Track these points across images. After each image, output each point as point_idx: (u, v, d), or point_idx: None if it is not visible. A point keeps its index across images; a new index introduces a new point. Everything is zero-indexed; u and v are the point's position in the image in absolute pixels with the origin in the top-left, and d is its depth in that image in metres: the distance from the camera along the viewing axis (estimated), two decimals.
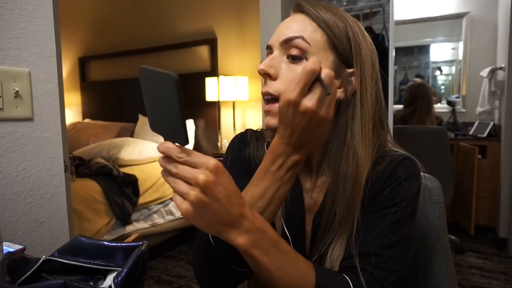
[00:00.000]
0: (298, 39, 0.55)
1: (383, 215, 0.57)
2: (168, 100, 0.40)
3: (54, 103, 0.89)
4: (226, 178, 0.43)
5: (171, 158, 0.42)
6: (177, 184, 0.42)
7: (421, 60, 3.70)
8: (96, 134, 3.48)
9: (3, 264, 0.45)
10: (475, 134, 2.99)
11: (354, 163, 0.56)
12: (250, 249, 0.46)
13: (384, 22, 2.54)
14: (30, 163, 0.84)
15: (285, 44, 0.56)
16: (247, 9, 3.07)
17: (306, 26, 0.56)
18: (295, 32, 0.56)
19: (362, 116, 0.56)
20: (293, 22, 0.58)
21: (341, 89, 0.57)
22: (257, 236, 0.46)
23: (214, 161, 0.41)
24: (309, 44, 0.55)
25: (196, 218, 0.43)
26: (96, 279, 0.53)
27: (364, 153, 0.56)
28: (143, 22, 3.66)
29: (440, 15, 3.48)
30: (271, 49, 0.59)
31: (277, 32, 0.59)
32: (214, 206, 0.42)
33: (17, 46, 0.81)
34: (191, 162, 0.41)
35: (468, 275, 2.29)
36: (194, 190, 0.41)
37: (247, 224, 0.45)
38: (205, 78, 3.06)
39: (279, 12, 2.19)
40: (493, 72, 2.98)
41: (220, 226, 0.44)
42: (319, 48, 0.55)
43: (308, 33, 0.55)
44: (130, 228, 2.43)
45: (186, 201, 0.41)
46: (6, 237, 0.78)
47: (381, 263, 0.55)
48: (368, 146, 0.57)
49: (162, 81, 0.39)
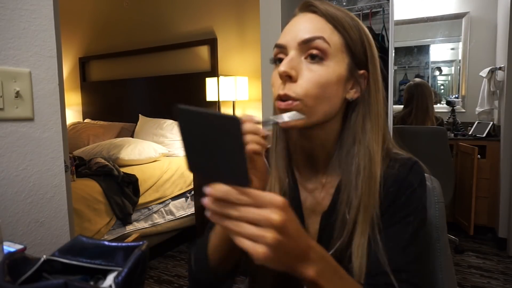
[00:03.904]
0: (319, 40, 0.54)
1: (403, 226, 0.56)
2: (226, 142, 0.38)
3: (54, 103, 0.89)
4: (292, 211, 0.41)
5: (228, 201, 0.38)
6: (243, 228, 0.38)
7: (420, 60, 3.70)
8: (96, 134, 3.48)
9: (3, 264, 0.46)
10: (474, 134, 2.99)
11: (367, 159, 0.56)
12: (318, 280, 0.45)
13: (384, 22, 2.54)
14: (30, 163, 0.84)
15: (304, 44, 0.55)
16: (247, 9, 3.07)
17: (323, 27, 0.55)
18: (315, 32, 0.54)
19: (374, 115, 0.58)
20: (309, 22, 0.56)
21: (353, 89, 0.58)
22: (322, 265, 0.46)
23: (281, 198, 0.39)
24: (329, 45, 0.54)
25: (274, 260, 0.39)
26: (97, 279, 0.53)
27: (376, 149, 0.57)
28: (143, 22, 3.66)
29: (440, 15, 3.48)
30: (283, 48, 0.57)
31: (291, 32, 0.56)
32: (290, 243, 0.40)
33: (17, 46, 0.81)
34: (256, 203, 0.38)
35: (467, 275, 2.29)
36: (269, 231, 0.38)
37: (314, 254, 0.45)
38: (205, 78, 3.06)
39: (279, 12, 2.19)
40: (492, 72, 2.98)
41: (293, 261, 0.43)
42: (337, 50, 0.55)
43: (327, 34, 0.55)
44: (130, 228, 2.43)
45: (260, 244, 0.38)
46: (7, 237, 0.79)
47: (412, 277, 0.55)
48: (379, 143, 0.58)
49: (219, 123, 0.38)
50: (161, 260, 2.63)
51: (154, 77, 3.56)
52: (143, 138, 3.21)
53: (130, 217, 2.41)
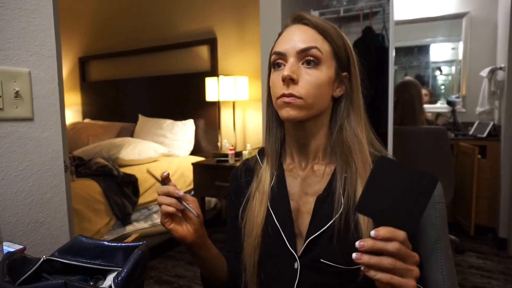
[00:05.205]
0: (314, 49, 0.65)
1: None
2: (414, 194, 0.45)
3: (54, 103, 0.89)
4: None
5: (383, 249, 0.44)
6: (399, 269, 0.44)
7: (421, 60, 3.70)
8: (96, 134, 3.48)
9: (3, 264, 0.45)
10: (475, 134, 2.99)
11: (355, 140, 0.68)
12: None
13: (384, 22, 2.54)
14: (30, 163, 0.84)
15: (301, 53, 0.66)
16: (247, 9, 3.07)
17: (316, 38, 0.66)
18: (310, 43, 0.66)
19: (356, 107, 0.70)
20: (304, 34, 0.67)
21: (339, 88, 0.70)
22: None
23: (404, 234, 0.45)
24: (322, 53, 0.66)
25: None
26: (96, 279, 0.53)
27: (361, 133, 0.69)
28: (143, 22, 3.66)
29: (440, 15, 3.48)
30: (283, 56, 0.67)
31: (289, 41, 0.67)
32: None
33: (17, 46, 0.81)
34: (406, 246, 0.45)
35: (468, 275, 2.29)
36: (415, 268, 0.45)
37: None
38: (205, 78, 3.06)
39: (279, 12, 2.19)
40: (493, 72, 2.98)
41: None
42: (328, 57, 0.67)
43: (319, 44, 0.66)
44: (130, 228, 2.43)
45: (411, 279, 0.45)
46: (6, 237, 0.78)
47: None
48: (362, 129, 0.69)
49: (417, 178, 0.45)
50: (161, 260, 2.63)
51: (154, 77, 3.56)
52: (143, 138, 3.21)
53: (130, 217, 2.41)
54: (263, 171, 0.74)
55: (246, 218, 0.73)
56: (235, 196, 0.80)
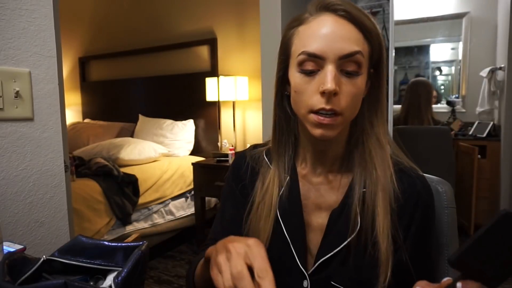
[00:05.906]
0: (358, 55, 0.53)
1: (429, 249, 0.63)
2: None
3: (54, 103, 0.89)
4: None
5: None
6: None
7: (421, 60, 3.70)
8: (96, 134, 3.48)
9: (3, 264, 0.45)
10: (474, 134, 2.99)
11: (377, 146, 0.59)
12: None
13: (384, 22, 2.54)
14: (30, 163, 0.84)
15: (344, 58, 0.53)
16: (247, 9, 3.07)
17: (358, 38, 0.54)
18: (353, 46, 0.53)
19: (381, 107, 0.61)
20: (344, 31, 0.54)
21: (365, 88, 0.60)
22: None
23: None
24: (363, 58, 0.55)
25: None
26: (96, 279, 0.53)
27: (384, 139, 0.60)
28: (143, 22, 3.66)
29: (440, 15, 3.48)
30: (320, 59, 0.54)
31: (326, 40, 0.53)
32: None
33: (17, 46, 0.81)
34: None
35: None
36: None
37: None
38: (205, 78, 3.06)
39: (279, 12, 2.19)
40: (492, 72, 2.98)
41: None
42: (367, 59, 0.56)
43: (361, 46, 0.54)
44: (130, 228, 2.43)
45: None
46: (6, 237, 0.78)
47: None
48: (385, 135, 0.61)
49: None
50: (161, 260, 2.63)
51: (154, 77, 3.56)
52: (143, 138, 3.21)
53: (130, 217, 2.41)
54: (272, 176, 0.65)
55: (250, 225, 0.65)
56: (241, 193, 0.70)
